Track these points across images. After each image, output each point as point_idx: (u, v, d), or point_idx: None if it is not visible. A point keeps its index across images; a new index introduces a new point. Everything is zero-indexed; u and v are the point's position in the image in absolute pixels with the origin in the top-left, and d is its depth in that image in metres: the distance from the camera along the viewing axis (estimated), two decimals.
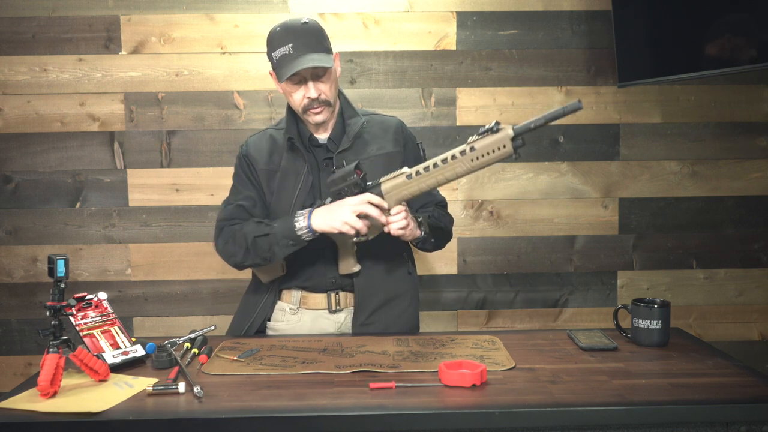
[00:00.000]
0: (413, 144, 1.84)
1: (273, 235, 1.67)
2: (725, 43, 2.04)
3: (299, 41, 1.64)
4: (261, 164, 1.79)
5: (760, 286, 2.57)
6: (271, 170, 1.78)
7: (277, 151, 1.79)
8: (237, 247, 1.72)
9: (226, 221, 1.78)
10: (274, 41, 1.69)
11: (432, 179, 1.52)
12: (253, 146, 1.82)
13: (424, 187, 1.54)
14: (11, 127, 2.45)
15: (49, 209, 2.48)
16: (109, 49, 2.44)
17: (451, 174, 1.49)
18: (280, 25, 1.69)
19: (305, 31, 1.67)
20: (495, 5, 2.46)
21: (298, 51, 1.64)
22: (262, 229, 1.69)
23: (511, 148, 1.39)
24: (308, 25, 1.68)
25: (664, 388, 1.33)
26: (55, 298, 1.40)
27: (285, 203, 1.76)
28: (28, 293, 2.51)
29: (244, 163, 1.82)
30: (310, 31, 1.67)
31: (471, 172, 1.47)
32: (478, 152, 1.43)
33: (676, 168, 2.53)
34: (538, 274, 2.56)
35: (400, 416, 1.22)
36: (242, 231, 1.72)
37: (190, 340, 1.59)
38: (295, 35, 1.65)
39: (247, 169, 1.81)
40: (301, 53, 1.64)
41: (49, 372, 1.31)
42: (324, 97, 1.70)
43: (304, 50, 1.64)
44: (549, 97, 2.49)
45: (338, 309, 1.79)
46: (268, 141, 1.82)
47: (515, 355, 1.53)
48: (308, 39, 1.66)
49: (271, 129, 1.86)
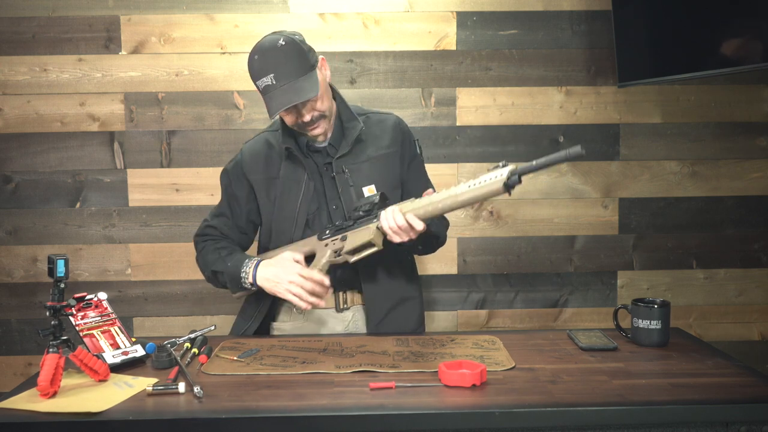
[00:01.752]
0: (410, 141, 1.84)
1: (225, 275, 1.72)
2: (725, 43, 2.04)
3: (281, 70, 1.59)
4: (258, 173, 1.78)
5: (760, 286, 2.57)
6: (269, 178, 1.77)
7: (274, 156, 1.78)
8: (204, 267, 1.81)
9: (198, 237, 1.86)
10: (254, 69, 1.63)
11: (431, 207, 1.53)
12: (249, 154, 1.80)
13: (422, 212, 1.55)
14: (11, 127, 2.45)
15: (49, 209, 2.48)
16: (109, 49, 2.44)
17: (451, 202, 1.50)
18: (257, 50, 1.63)
19: (285, 55, 1.59)
20: (495, 5, 2.46)
21: (281, 81, 1.58)
22: (218, 265, 1.74)
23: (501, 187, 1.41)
24: (286, 47, 1.60)
25: (664, 388, 1.33)
26: (55, 298, 1.39)
27: (288, 212, 1.75)
28: (28, 293, 2.50)
29: (231, 176, 1.81)
30: (290, 54, 1.60)
31: (468, 203, 1.49)
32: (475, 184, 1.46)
33: (676, 168, 2.53)
34: (538, 274, 2.56)
35: (400, 416, 1.22)
36: (205, 257, 1.79)
37: (190, 340, 1.59)
38: (275, 63, 1.59)
39: (232, 183, 1.81)
40: (284, 82, 1.58)
41: (49, 372, 1.31)
42: (318, 114, 1.67)
43: (287, 79, 1.58)
44: (549, 97, 2.49)
45: (345, 308, 1.78)
46: (264, 146, 1.80)
47: (515, 355, 1.53)
48: (289, 66, 1.59)
49: (267, 132, 1.83)
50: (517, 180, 1.40)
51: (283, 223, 1.76)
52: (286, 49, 1.60)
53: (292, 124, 1.69)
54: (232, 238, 1.83)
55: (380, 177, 1.76)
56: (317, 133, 1.70)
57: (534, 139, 2.49)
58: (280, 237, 1.76)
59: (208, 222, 1.85)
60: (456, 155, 2.50)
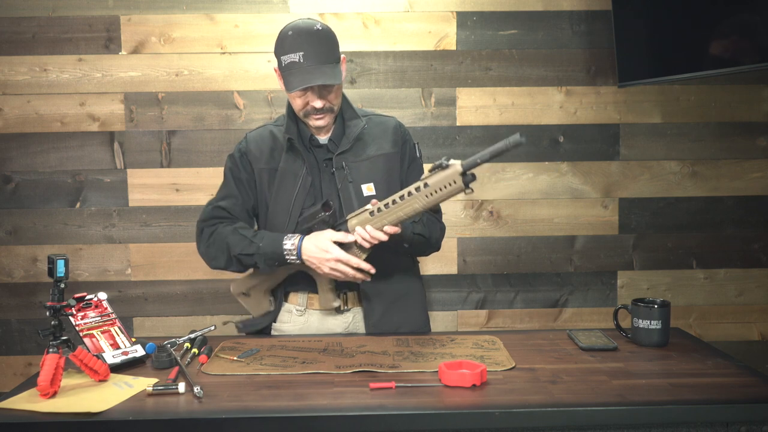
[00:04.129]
0: (410, 145, 1.84)
1: (259, 255, 1.69)
2: (725, 43, 2.04)
3: (311, 50, 1.61)
4: (261, 163, 1.78)
5: (760, 286, 2.57)
6: (271, 169, 1.77)
7: (278, 148, 1.78)
8: (219, 252, 1.75)
9: (205, 222, 1.79)
10: (284, 44, 1.65)
11: (393, 215, 1.55)
12: (254, 143, 1.80)
13: (386, 222, 1.57)
14: (11, 127, 2.45)
15: (49, 209, 2.48)
16: (109, 49, 2.44)
17: (410, 210, 1.53)
18: (292, 28, 1.65)
19: (318, 39, 1.63)
20: (495, 5, 2.46)
21: (308, 61, 1.61)
22: (246, 247, 1.70)
23: (461, 183, 1.42)
24: (321, 32, 1.64)
25: (664, 388, 1.33)
26: (55, 298, 1.39)
27: (284, 203, 1.75)
28: (28, 293, 2.50)
29: (238, 162, 1.80)
30: (323, 39, 1.64)
31: (428, 207, 1.51)
32: (431, 188, 1.47)
33: (676, 168, 2.53)
34: (538, 274, 2.56)
35: (400, 416, 1.22)
36: (223, 239, 1.73)
37: (190, 340, 1.59)
38: (308, 43, 1.62)
39: (239, 167, 1.79)
40: (311, 64, 1.61)
41: (48, 372, 1.31)
42: (329, 106, 1.69)
43: (314, 61, 1.61)
44: (549, 97, 2.49)
45: (346, 309, 1.79)
46: (269, 137, 1.80)
47: (515, 355, 1.53)
48: (320, 48, 1.62)
49: (270, 125, 1.84)
50: (472, 177, 1.43)
51: (278, 216, 1.76)
52: (320, 34, 1.64)
53: (301, 108, 1.70)
54: (241, 219, 1.79)
55: (379, 176, 1.76)
56: (321, 124, 1.71)
57: (534, 139, 2.50)
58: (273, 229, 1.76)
59: (215, 204, 1.80)
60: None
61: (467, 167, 1.41)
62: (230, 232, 1.73)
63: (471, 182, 1.43)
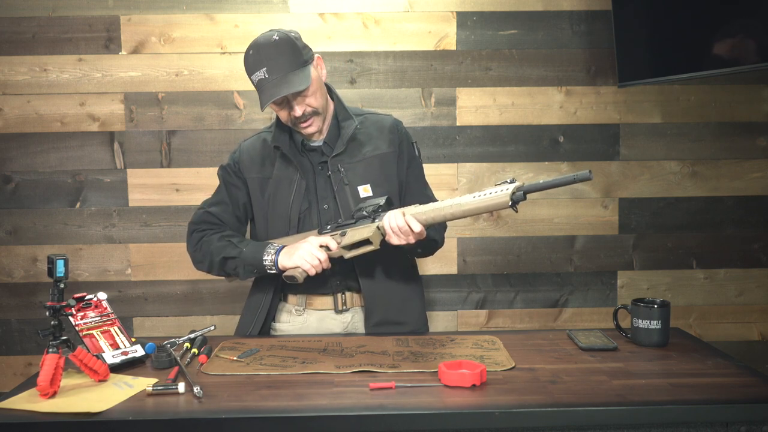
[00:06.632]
0: (408, 143, 1.84)
1: (240, 260, 1.72)
2: (725, 43, 2.04)
3: (272, 63, 1.62)
4: (253, 172, 1.80)
5: (760, 286, 2.57)
6: (264, 178, 1.79)
7: (270, 156, 1.80)
8: (203, 257, 1.79)
9: (196, 225, 1.84)
10: (249, 64, 1.67)
11: (435, 213, 1.58)
12: (246, 153, 1.82)
13: (425, 218, 1.58)
14: (11, 127, 2.45)
15: (49, 209, 2.48)
16: (109, 49, 2.44)
17: (458, 210, 1.55)
18: (253, 46, 1.67)
19: (278, 50, 1.63)
20: (495, 5, 2.46)
21: (273, 74, 1.62)
22: (230, 251, 1.74)
23: (508, 198, 1.49)
24: (280, 41, 1.64)
25: (664, 388, 1.33)
26: (55, 298, 1.39)
27: (281, 210, 1.76)
28: (28, 293, 2.50)
29: (231, 172, 1.83)
30: (283, 48, 1.64)
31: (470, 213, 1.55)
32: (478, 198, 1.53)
33: (676, 168, 2.53)
34: (538, 274, 2.56)
35: (400, 416, 1.22)
36: (209, 245, 1.78)
37: (189, 340, 1.59)
38: (267, 57, 1.63)
39: (232, 177, 1.83)
40: (276, 77, 1.62)
41: (48, 372, 1.31)
42: (310, 110, 1.69)
43: (278, 72, 1.62)
44: (549, 97, 2.49)
45: (345, 309, 1.79)
46: (262, 146, 1.82)
47: (515, 355, 1.53)
48: (281, 59, 1.63)
49: (265, 132, 1.85)
50: (522, 196, 1.47)
51: (278, 222, 1.77)
52: (279, 44, 1.64)
53: (286, 120, 1.72)
54: (230, 226, 1.83)
55: (376, 177, 1.76)
56: (310, 131, 1.72)
57: (534, 139, 2.50)
58: (276, 236, 1.77)
59: (206, 209, 1.84)
60: (456, 155, 2.50)
61: (524, 189, 1.48)
62: (217, 239, 1.78)
63: (519, 201, 1.49)
